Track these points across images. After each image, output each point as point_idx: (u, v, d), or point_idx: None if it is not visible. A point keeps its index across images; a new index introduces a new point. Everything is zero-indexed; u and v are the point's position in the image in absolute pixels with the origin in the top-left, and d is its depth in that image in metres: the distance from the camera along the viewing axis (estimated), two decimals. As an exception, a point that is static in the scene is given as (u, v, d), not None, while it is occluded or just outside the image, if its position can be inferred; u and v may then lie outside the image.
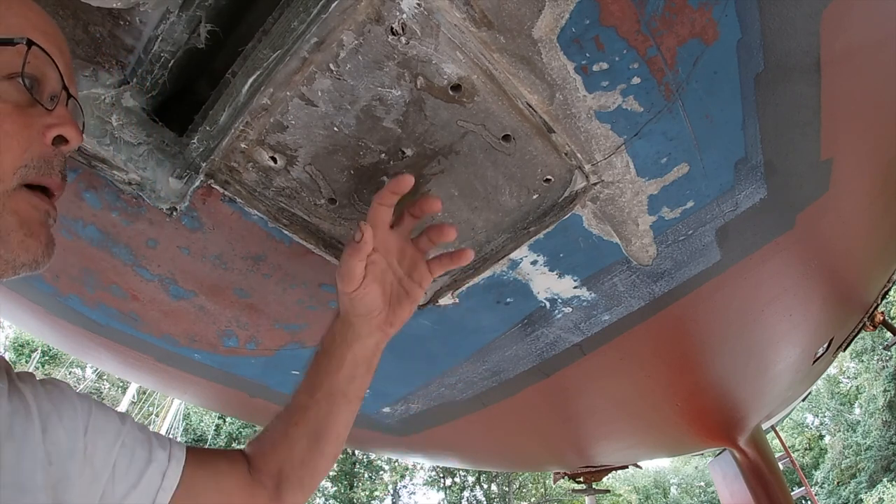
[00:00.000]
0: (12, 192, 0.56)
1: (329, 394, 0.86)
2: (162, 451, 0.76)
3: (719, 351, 2.03)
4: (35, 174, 0.58)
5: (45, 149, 0.59)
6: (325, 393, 0.86)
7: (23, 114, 0.57)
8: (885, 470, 18.40)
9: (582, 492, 5.65)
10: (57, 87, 0.61)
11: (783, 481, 3.75)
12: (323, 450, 0.87)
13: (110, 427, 0.71)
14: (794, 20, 0.84)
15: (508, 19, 0.74)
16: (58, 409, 0.65)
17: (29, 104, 0.58)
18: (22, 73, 0.57)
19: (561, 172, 0.99)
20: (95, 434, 0.68)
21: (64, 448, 0.63)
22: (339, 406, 0.87)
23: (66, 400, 0.68)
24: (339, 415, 0.87)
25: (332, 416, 0.86)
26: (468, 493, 26.11)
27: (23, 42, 0.56)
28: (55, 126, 0.59)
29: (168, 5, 0.74)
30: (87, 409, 0.69)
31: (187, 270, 1.16)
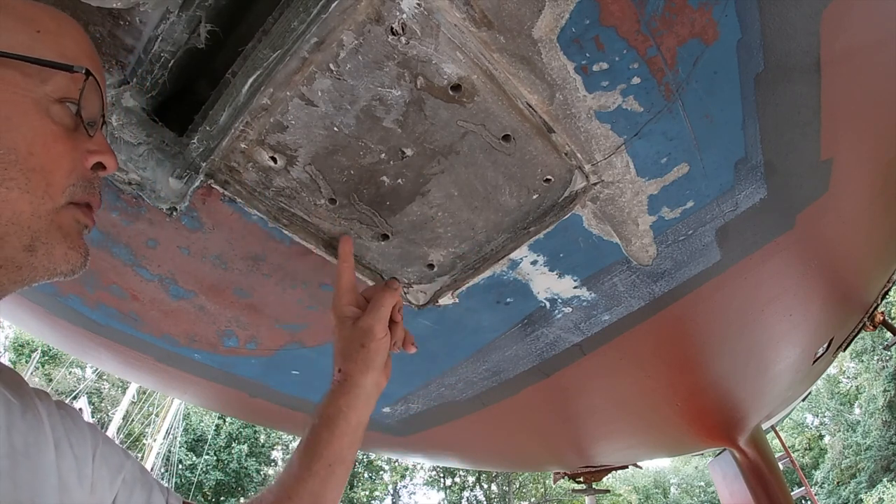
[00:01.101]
0: (61, 208, 0.59)
1: (328, 464, 0.83)
2: (160, 496, 0.75)
3: (719, 351, 2.03)
4: (82, 193, 0.62)
5: (87, 172, 0.63)
6: (324, 464, 0.83)
7: (70, 137, 0.60)
8: (885, 470, 18.40)
9: (582, 492, 5.65)
10: (97, 113, 0.65)
11: (783, 481, 3.75)
12: None
13: (114, 461, 0.71)
14: (794, 20, 0.84)
15: (508, 19, 0.74)
16: (69, 434, 0.65)
17: (73, 128, 0.61)
18: (79, 101, 0.60)
19: (561, 172, 0.99)
20: (101, 464, 0.68)
21: (73, 474, 0.63)
22: (338, 474, 0.85)
23: (76, 427, 0.68)
24: (337, 482, 0.85)
25: (329, 485, 0.84)
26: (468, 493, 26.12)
27: (81, 71, 0.59)
28: (96, 153, 0.63)
29: (168, 5, 0.74)
30: (95, 439, 0.70)
31: (187, 270, 1.16)
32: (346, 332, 0.89)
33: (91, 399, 20.64)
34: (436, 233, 1.10)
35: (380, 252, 1.14)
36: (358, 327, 0.88)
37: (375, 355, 0.87)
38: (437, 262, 1.18)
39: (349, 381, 0.86)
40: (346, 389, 0.86)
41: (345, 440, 0.84)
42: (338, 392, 0.86)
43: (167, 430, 17.47)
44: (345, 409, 0.85)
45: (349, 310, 0.91)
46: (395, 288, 0.91)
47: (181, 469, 19.56)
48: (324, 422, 0.85)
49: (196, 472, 20.02)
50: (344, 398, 0.85)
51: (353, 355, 0.87)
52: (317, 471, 0.82)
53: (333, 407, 0.85)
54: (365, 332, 0.87)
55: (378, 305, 0.89)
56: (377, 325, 0.87)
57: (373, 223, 1.06)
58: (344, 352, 0.88)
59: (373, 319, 0.88)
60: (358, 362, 0.86)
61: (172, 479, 18.10)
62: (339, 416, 0.85)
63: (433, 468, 25.21)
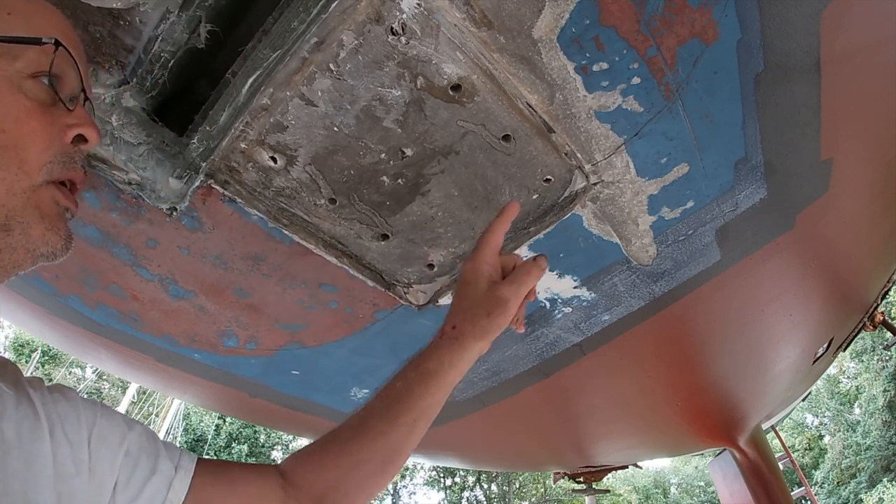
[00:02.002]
0: (38, 187, 0.58)
1: (415, 420, 0.80)
2: (168, 461, 0.72)
3: (719, 351, 2.03)
4: (60, 169, 0.60)
5: (67, 147, 0.61)
6: (411, 419, 0.80)
7: (47, 112, 0.59)
8: (885, 470, 18.40)
9: (582, 492, 5.65)
10: (76, 87, 0.63)
11: (783, 481, 3.75)
12: (388, 473, 0.82)
13: (115, 435, 0.68)
14: (794, 20, 0.84)
15: (508, 19, 0.74)
16: (62, 420, 0.64)
17: (51, 103, 0.60)
18: (49, 72, 0.58)
19: (561, 172, 0.99)
20: (99, 443, 0.66)
21: (69, 462, 0.62)
22: (419, 431, 0.82)
23: (71, 410, 0.66)
24: (415, 440, 0.82)
25: (409, 441, 0.81)
26: (468, 493, 26.12)
27: (51, 42, 0.58)
28: (76, 126, 0.61)
29: (168, 5, 0.74)
30: (92, 418, 0.67)
31: (187, 270, 1.16)
32: (476, 292, 0.82)
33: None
34: (436, 233, 1.10)
35: (380, 252, 1.14)
36: (494, 295, 0.81)
37: (498, 328, 0.81)
38: (437, 262, 1.18)
39: (460, 342, 0.81)
40: (455, 348, 0.81)
41: (437, 398, 0.81)
42: (445, 348, 0.81)
43: (167, 430, 17.47)
44: (447, 366, 0.80)
45: (489, 271, 0.83)
46: (544, 268, 0.84)
47: (181, 469, 19.53)
48: (422, 375, 0.80)
49: (196, 472, 19.99)
50: (449, 355, 0.80)
51: (476, 319, 0.81)
52: (401, 423, 0.79)
53: (436, 362, 0.80)
54: (499, 303, 0.80)
55: (522, 281, 0.82)
56: (514, 300, 0.81)
57: (373, 223, 1.06)
58: (467, 312, 0.82)
59: (512, 293, 0.81)
60: (478, 328, 0.80)
61: (172, 479, 18.06)
62: (440, 373, 0.80)
63: (433, 468, 25.22)
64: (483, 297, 0.82)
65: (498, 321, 0.81)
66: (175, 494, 0.69)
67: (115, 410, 0.73)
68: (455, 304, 0.85)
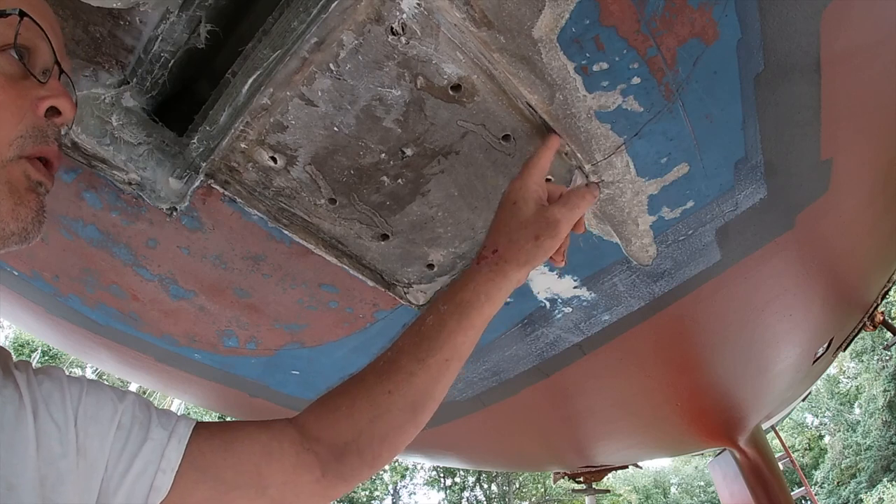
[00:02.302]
0: (8, 162, 0.56)
1: (446, 359, 0.72)
2: (161, 429, 0.67)
3: (719, 351, 2.03)
4: (32, 144, 0.57)
5: (39, 120, 0.59)
6: (441, 357, 0.71)
7: (15, 85, 0.57)
8: (885, 470, 18.40)
9: (582, 492, 5.65)
10: (49, 60, 0.60)
11: (783, 481, 3.75)
12: (419, 420, 0.74)
13: (104, 411, 0.65)
14: (794, 20, 0.84)
15: (508, 19, 0.74)
16: (47, 401, 0.61)
17: (21, 76, 0.58)
18: (14, 43, 0.56)
19: (561, 172, 0.99)
20: (87, 422, 0.63)
21: (55, 443, 0.59)
22: (452, 371, 0.73)
23: (56, 390, 0.63)
24: (447, 381, 0.74)
25: (441, 383, 0.73)
26: (468, 493, 26.13)
27: (15, 13, 0.55)
28: (48, 98, 0.59)
29: (168, 5, 0.74)
30: (78, 395, 0.64)
31: (187, 270, 1.16)
32: (523, 212, 0.74)
33: (91, 399, 20.64)
34: (436, 233, 1.10)
35: (380, 252, 1.14)
36: (543, 217, 0.73)
37: (543, 254, 0.73)
38: (437, 262, 1.18)
39: (500, 268, 0.72)
40: (493, 276, 0.72)
41: (471, 334, 0.73)
42: (484, 277, 0.73)
43: (167, 430, 17.46)
44: (484, 298, 0.72)
45: (538, 191, 0.76)
46: (597, 195, 0.78)
47: (181, 469, 19.56)
48: (456, 308, 0.72)
49: (196, 472, 20.03)
50: (487, 285, 0.72)
51: (520, 243, 0.72)
52: (431, 364, 0.71)
53: (472, 292, 0.72)
54: (549, 225, 0.72)
55: (575, 205, 0.74)
56: (565, 223, 0.73)
57: (373, 223, 1.06)
58: (511, 234, 0.74)
59: (563, 215, 0.73)
60: (522, 252, 0.72)
61: (172, 479, 18.09)
62: (476, 305, 0.72)
63: (433, 468, 25.22)
64: (531, 219, 0.74)
65: (545, 246, 0.73)
66: (168, 463, 0.65)
67: (103, 384, 0.69)
68: (496, 226, 0.77)
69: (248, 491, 0.70)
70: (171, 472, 0.65)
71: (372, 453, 0.73)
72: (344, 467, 0.73)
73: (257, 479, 0.70)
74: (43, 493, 0.56)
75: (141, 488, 0.63)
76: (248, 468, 0.70)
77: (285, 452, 0.72)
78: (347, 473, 0.73)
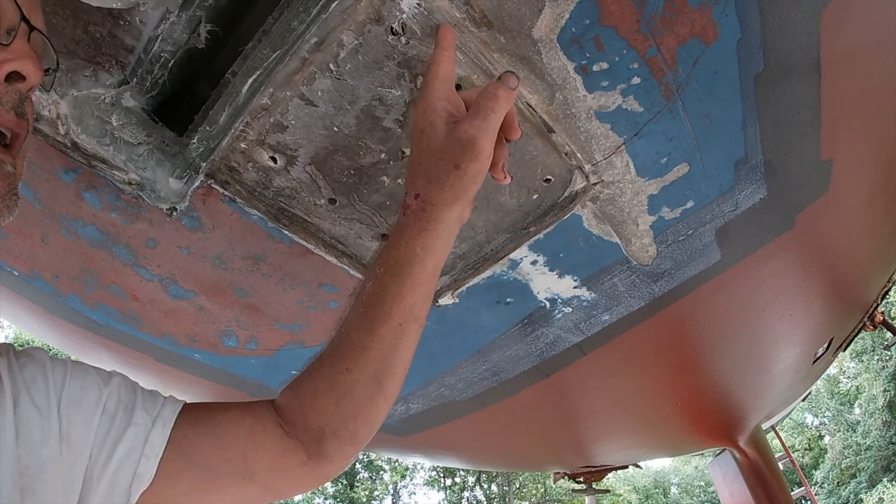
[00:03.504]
0: None
1: (398, 324, 0.65)
2: (144, 413, 0.64)
3: (719, 351, 2.03)
4: None
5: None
6: (392, 324, 0.65)
7: None
8: (885, 470, 18.40)
9: (582, 492, 5.65)
10: (13, 20, 0.53)
11: (783, 481, 3.75)
12: (386, 393, 0.68)
13: (89, 395, 0.62)
14: (794, 20, 0.84)
15: (508, 19, 0.74)
16: (29, 386, 0.58)
17: None
18: None
19: (561, 172, 0.99)
20: (70, 408, 0.60)
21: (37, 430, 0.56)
22: (411, 335, 0.67)
23: (39, 374, 0.60)
24: (408, 346, 0.67)
25: (399, 350, 0.67)
26: (468, 493, 26.13)
27: None
28: (7, 61, 0.52)
29: (168, 5, 0.74)
30: (62, 380, 0.61)
31: (187, 270, 1.16)
32: (434, 140, 0.62)
33: (91, 399, 20.67)
34: (436, 233, 1.10)
35: (380, 252, 1.14)
36: (455, 138, 0.61)
37: (472, 182, 0.62)
38: (437, 262, 1.18)
39: (429, 214, 0.63)
40: (425, 225, 0.63)
41: (419, 291, 0.65)
42: (413, 228, 0.64)
43: (167, 430, 17.47)
44: (420, 252, 0.63)
45: (445, 108, 0.63)
46: (513, 86, 0.62)
47: (181, 469, 19.56)
48: (393, 269, 0.64)
49: (196, 472, 20.03)
50: (420, 238, 0.63)
51: (440, 177, 0.62)
52: (383, 334, 0.65)
53: (407, 249, 0.64)
54: (465, 146, 0.60)
55: (487, 110, 0.61)
56: (483, 137, 0.60)
57: (373, 223, 1.06)
58: (428, 171, 0.63)
59: (477, 128, 0.60)
60: (446, 188, 0.62)
61: (172, 479, 18.09)
62: (414, 262, 0.64)
63: (433, 468, 25.23)
64: (445, 145, 0.62)
65: (470, 171, 0.61)
66: (152, 448, 0.62)
67: (88, 366, 0.66)
68: (412, 165, 0.66)
69: (236, 478, 0.67)
70: (156, 458, 0.62)
71: (347, 432, 0.69)
72: (326, 448, 0.70)
73: (244, 466, 0.68)
74: (23, 483, 0.53)
75: (124, 475, 0.60)
76: (234, 455, 0.67)
77: (270, 437, 0.69)
78: (332, 454, 0.71)
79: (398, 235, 0.66)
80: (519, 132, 0.68)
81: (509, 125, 0.66)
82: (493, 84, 0.63)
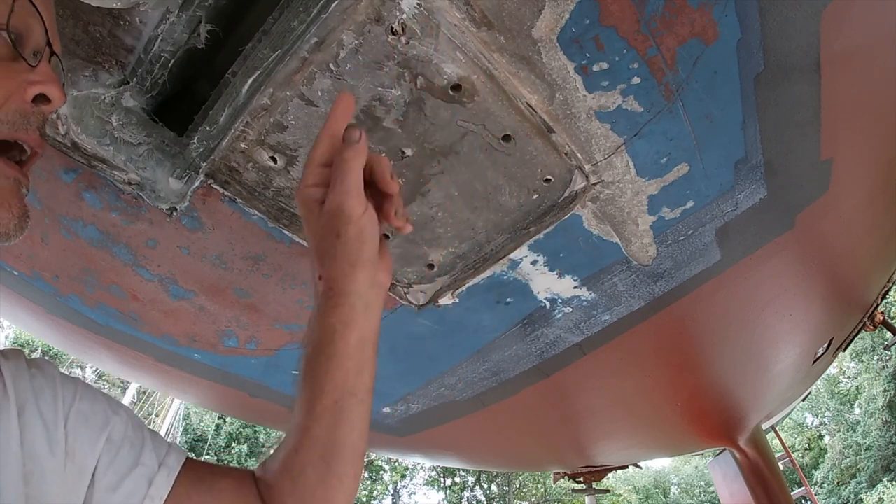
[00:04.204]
0: None
1: (334, 401, 0.65)
2: (153, 455, 0.65)
3: (719, 351, 2.03)
4: (9, 130, 0.54)
5: (24, 105, 0.55)
6: (328, 402, 0.65)
7: (3, 66, 0.54)
8: (885, 470, 18.39)
9: (582, 492, 5.65)
10: (41, 42, 0.57)
11: (783, 481, 3.74)
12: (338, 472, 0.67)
13: (96, 417, 0.62)
14: (794, 20, 0.84)
15: (508, 19, 0.74)
16: (37, 396, 0.58)
17: (11, 58, 0.55)
18: (7, 24, 0.53)
19: (561, 172, 0.99)
20: (78, 424, 0.60)
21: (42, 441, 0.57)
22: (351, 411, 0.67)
23: (48, 386, 0.60)
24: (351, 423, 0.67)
25: (341, 427, 0.66)
26: (468, 493, 26.13)
27: None
28: (38, 83, 0.55)
29: (168, 5, 0.74)
30: (72, 396, 0.62)
31: (187, 270, 1.16)
32: (314, 224, 0.65)
33: (91, 399, 20.66)
34: (436, 233, 1.10)
35: (380, 252, 1.14)
36: (326, 212, 0.62)
37: (358, 244, 0.62)
38: (437, 262, 1.18)
39: (336, 290, 0.64)
40: (336, 301, 0.64)
41: (349, 366, 0.65)
42: (326, 307, 0.64)
43: (167, 430, 17.47)
44: (339, 327, 0.64)
45: (315, 191, 0.65)
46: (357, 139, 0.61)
47: (181, 469, 19.56)
48: (317, 348, 0.65)
49: (196, 472, 20.03)
50: (336, 314, 0.64)
51: (330, 252, 0.63)
52: (321, 413, 0.65)
53: (326, 327, 0.64)
54: (335, 215, 0.61)
55: (342, 173, 0.61)
56: (346, 199, 0.61)
57: (373, 223, 1.06)
58: (320, 250, 0.65)
59: (339, 194, 0.61)
60: (337, 259, 0.63)
61: (172, 479, 18.08)
62: (336, 338, 0.64)
63: (433, 468, 25.23)
64: (322, 222, 0.64)
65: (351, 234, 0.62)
66: (157, 490, 0.63)
67: (98, 391, 0.66)
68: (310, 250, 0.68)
69: None
70: (159, 500, 0.63)
71: None
72: None
73: None
74: (27, 491, 0.54)
75: None
76: None
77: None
78: None
79: (315, 316, 0.66)
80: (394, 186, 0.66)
81: (381, 179, 0.65)
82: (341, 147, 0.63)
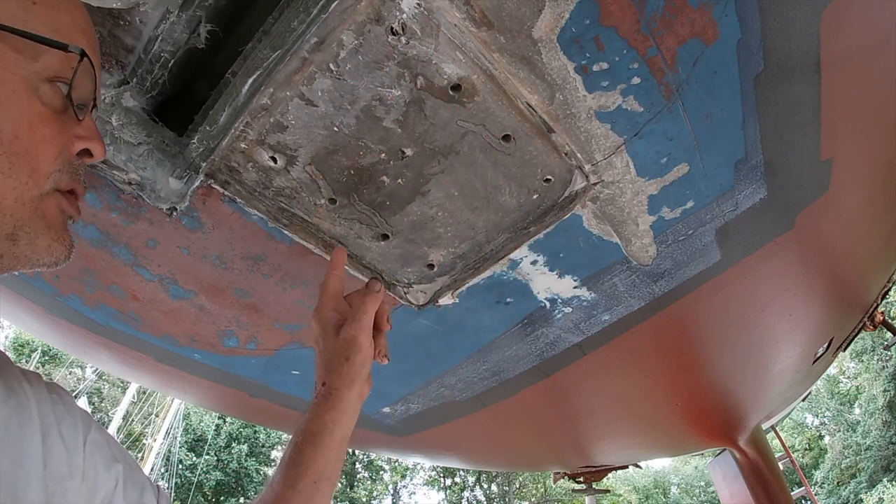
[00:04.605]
0: (45, 195, 0.56)
1: (313, 481, 0.79)
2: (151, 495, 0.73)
3: (719, 351, 2.03)
4: (67, 179, 0.58)
5: (72, 157, 0.59)
6: (308, 481, 0.78)
7: (58, 119, 0.57)
8: (885, 470, 18.39)
9: (582, 492, 5.65)
10: (88, 96, 0.61)
11: (783, 481, 3.74)
12: None
13: (107, 450, 0.68)
14: (794, 20, 0.84)
15: (508, 19, 0.74)
16: (59, 422, 0.63)
17: (62, 109, 0.58)
18: (71, 83, 0.56)
19: (561, 172, 0.99)
20: (93, 451, 0.66)
21: (63, 464, 0.61)
22: (324, 491, 0.80)
23: (68, 414, 0.65)
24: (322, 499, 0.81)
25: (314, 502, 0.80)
26: (468, 493, 26.13)
27: (77, 51, 0.56)
28: (84, 139, 0.60)
29: (168, 5, 0.74)
30: (87, 426, 0.67)
31: (187, 270, 1.16)
32: (329, 342, 0.85)
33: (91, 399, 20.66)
34: (436, 233, 1.10)
35: (380, 252, 1.14)
36: (342, 339, 0.82)
37: (361, 368, 0.82)
38: (437, 262, 1.18)
39: (334, 396, 0.81)
40: (332, 405, 0.81)
41: (330, 456, 0.80)
42: (322, 407, 0.82)
43: (167, 430, 17.46)
44: (330, 424, 0.80)
45: (332, 316, 0.85)
46: (378, 290, 0.85)
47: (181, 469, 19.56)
48: (308, 438, 0.80)
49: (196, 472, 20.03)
50: (329, 414, 0.81)
51: (337, 368, 0.82)
52: (301, 489, 0.78)
53: (318, 423, 0.81)
54: (349, 343, 0.82)
55: (360, 313, 0.83)
56: (361, 335, 0.82)
57: (373, 223, 1.06)
58: (328, 364, 0.83)
59: (356, 329, 0.82)
60: (343, 376, 0.81)
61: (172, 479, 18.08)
62: (325, 433, 0.80)
63: (433, 468, 25.22)
64: (336, 344, 0.83)
65: (357, 360, 0.82)
66: None
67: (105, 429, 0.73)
68: (317, 360, 0.86)
69: None
70: None
71: None
72: None
73: None
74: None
75: None
76: None
77: None
78: None
79: (313, 412, 0.82)
80: (388, 326, 0.90)
81: (380, 321, 0.87)
82: (363, 291, 0.86)
